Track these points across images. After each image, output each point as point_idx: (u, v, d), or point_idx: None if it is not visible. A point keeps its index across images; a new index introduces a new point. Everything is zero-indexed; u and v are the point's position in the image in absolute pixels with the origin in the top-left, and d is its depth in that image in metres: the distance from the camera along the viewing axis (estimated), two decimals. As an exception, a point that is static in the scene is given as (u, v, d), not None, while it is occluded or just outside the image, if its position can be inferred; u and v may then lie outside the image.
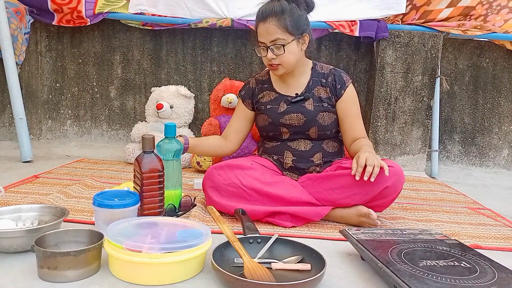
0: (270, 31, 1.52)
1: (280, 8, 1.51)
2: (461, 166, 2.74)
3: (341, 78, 1.64)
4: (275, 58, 1.54)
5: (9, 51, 2.29)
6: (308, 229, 1.45)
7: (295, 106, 1.62)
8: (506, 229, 1.59)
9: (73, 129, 2.79)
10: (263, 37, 1.54)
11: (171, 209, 1.44)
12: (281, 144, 1.65)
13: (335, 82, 1.63)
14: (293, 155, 1.63)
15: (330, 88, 1.63)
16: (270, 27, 1.51)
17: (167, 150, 1.45)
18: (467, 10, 2.43)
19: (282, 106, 1.63)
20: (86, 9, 2.46)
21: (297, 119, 1.61)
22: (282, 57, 1.54)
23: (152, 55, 2.69)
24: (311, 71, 1.67)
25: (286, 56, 1.54)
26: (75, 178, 1.99)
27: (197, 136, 2.53)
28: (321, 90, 1.64)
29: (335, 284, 1.06)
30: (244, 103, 1.73)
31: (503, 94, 2.66)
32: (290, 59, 1.56)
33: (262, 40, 1.55)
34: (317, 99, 1.63)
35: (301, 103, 1.62)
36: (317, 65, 1.69)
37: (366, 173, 1.38)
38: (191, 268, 1.05)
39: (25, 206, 1.30)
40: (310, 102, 1.62)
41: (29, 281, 1.00)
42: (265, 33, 1.53)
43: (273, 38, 1.52)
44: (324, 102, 1.62)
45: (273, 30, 1.51)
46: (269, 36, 1.52)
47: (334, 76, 1.64)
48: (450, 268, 1.01)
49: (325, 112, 1.61)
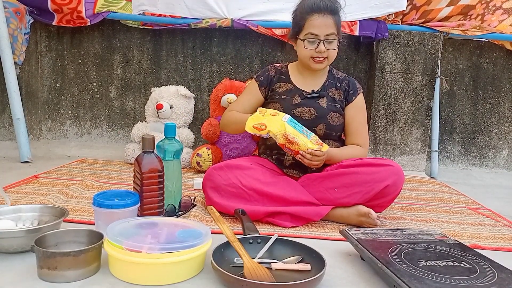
0: (328, 25, 1.56)
1: (336, 7, 1.59)
2: (461, 166, 2.74)
3: (354, 85, 1.72)
4: (325, 51, 1.58)
5: (7, 51, 2.29)
6: (308, 229, 1.45)
7: (309, 101, 1.65)
8: (506, 229, 1.59)
9: (73, 129, 2.79)
10: (318, 29, 1.56)
11: (171, 209, 1.45)
12: None
13: (348, 87, 1.70)
14: None
15: (343, 92, 1.70)
16: (328, 21, 1.56)
17: (167, 150, 1.45)
18: (467, 9, 2.43)
19: (297, 99, 1.65)
20: (86, 9, 2.46)
21: (309, 113, 1.63)
22: (331, 52, 1.60)
23: (152, 55, 2.69)
24: (328, 73, 1.73)
25: (334, 52, 1.61)
26: (75, 178, 1.99)
27: (197, 136, 2.53)
28: (335, 92, 1.69)
29: (335, 284, 1.06)
30: (260, 88, 1.72)
31: (503, 94, 2.66)
32: (334, 56, 1.63)
33: (316, 32, 1.56)
34: (331, 99, 1.67)
35: (316, 99, 1.65)
36: (333, 69, 1.75)
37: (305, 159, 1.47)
38: (191, 268, 1.05)
39: (25, 206, 1.30)
40: (324, 100, 1.66)
41: (29, 281, 1.00)
42: (323, 25, 1.56)
43: (329, 32, 1.56)
44: (337, 103, 1.67)
45: (331, 24, 1.56)
46: (326, 29, 1.56)
47: (348, 82, 1.72)
48: (450, 268, 1.01)
49: (336, 113, 1.65)
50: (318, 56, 1.59)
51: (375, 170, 1.47)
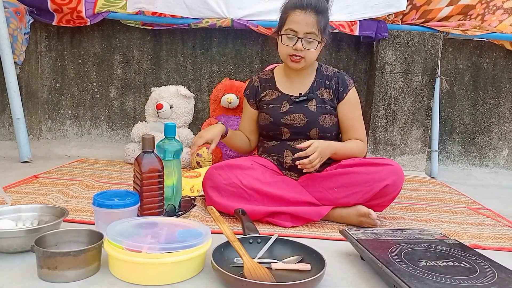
0: (309, 23, 1.50)
1: (322, 6, 1.52)
2: (461, 166, 2.74)
3: (344, 81, 1.64)
4: (302, 50, 1.52)
5: (7, 51, 2.29)
6: (308, 229, 1.45)
7: (298, 106, 1.61)
8: (506, 229, 1.59)
9: (73, 129, 2.79)
10: (298, 25, 1.50)
11: (171, 209, 1.45)
12: (281, 144, 1.65)
13: (338, 84, 1.63)
14: (293, 154, 1.62)
15: (333, 90, 1.63)
16: (310, 19, 1.50)
17: (167, 150, 1.45)
18: (467, 9, 2.43)
19: (285, 106, 1.62)
20: (86, 9, 2.45)
21: (299, 119, 1.60)
22: (309, 52, 1.53)
23: (152, 55, 2.69)
24: (316, 71, 1.67)
25: (313, 52, 1.54)
26: (75, 178, 1.99)
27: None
28: (324, 92, 1.64)
29: (335, 284, 1.06)
30: (249, 103, 1.73)
31: (503, 94, 2.66)
32: (313, 57, 1.57)
33: (295, 28, 1.51)
34: (320, 100, 1.62)
35: (304, 103, 1.61)
36: (322, 66, 1.69)
37: (301, 163, 1.45)
38: (191, 268, 1.05)
39: (25, 206, 1.30)
40: (313, 103, 1.62)
41: (29, 281, 0.99)
42: (303, 22, 1.50)
43: (309, 31, 1.50)
44: (327, 104, 1.62)
45: (312, 23, 1.50)
46: (306, 27, 1.50)
47: (338, 79, 1.64)
48: (450, 268, 1.01)
49: (327, 115, 1.61)
50: (294, 54, 1.53)
51: (375, 170, 1.47)
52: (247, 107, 1.75)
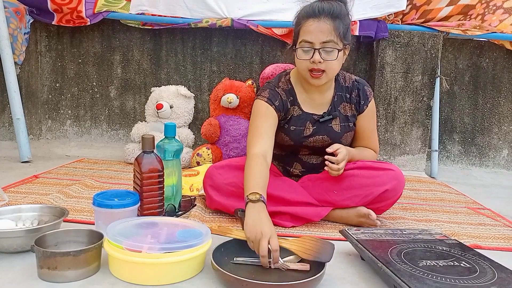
0: (324, 31, 1.34)
1: (339, 10, 1.37)
2: (461, 166, 2.74)
3: (365, 93, 1.54)
4: (322, 63, 1.36)
5: (7, 51, 2.29)
6: (308, 229, 1.45)
7: (322, 126, 1.51)
8: (506, 229, 1.59)
9: (73, 129, 2.79)
10: (312, 35, 1.35)
11: (171, 209, 1.45)
12: (293, 156, 1.59)
13: (359, 98, 1.53)
14: (303, 167, 1.59)
15: (355, 104, 1.54)
16: (325, 26, 1.34)
17: (167, 150, 1.45)
18: (467, 9, 2.43)
19: (308, 128, 1.50)
20: (86, 9, 2.46)
21: (322, 141, 1.51)
22: (330, 64, 1.37)
23: (152, 55, 2.68)
24: (335, 83, 1.53)
25: (335, 63, 1.37)
26: (75, 178, 1.99)
27: (197, 136, 2.53)
28: (346, 107, 1.54)
29: (335, 284, 1.06)
30: (278, 113, 1.47)
31: (503, 94, 2.66)
32: (336, 68, 1.41)
33: (310, 39, 1.35)
34: (343, 118, 1.53)
35: (328, 123, 1.51)
36: (339, 76, 1.55)
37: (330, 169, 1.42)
38: (191, 268, 1.05)
39: (25, 206, 1.30)
40: (337, 122, 1.52)
41: (29, 281, 1.00)
42: (318, 31, 1.34)
43: (326, 39, 1.34)
44: (350, 121, 1.54)
45: (328, 30, 1.34)
46: (322, 36, 1.34)
47: (358, 91, 1.53)
48: (450, 268, 1.01)
49: (349, 132, 1.54)
50: (314, 69, 1.37)
51: (375, 174, 1.47)
52: (270, 114, 1.45)
